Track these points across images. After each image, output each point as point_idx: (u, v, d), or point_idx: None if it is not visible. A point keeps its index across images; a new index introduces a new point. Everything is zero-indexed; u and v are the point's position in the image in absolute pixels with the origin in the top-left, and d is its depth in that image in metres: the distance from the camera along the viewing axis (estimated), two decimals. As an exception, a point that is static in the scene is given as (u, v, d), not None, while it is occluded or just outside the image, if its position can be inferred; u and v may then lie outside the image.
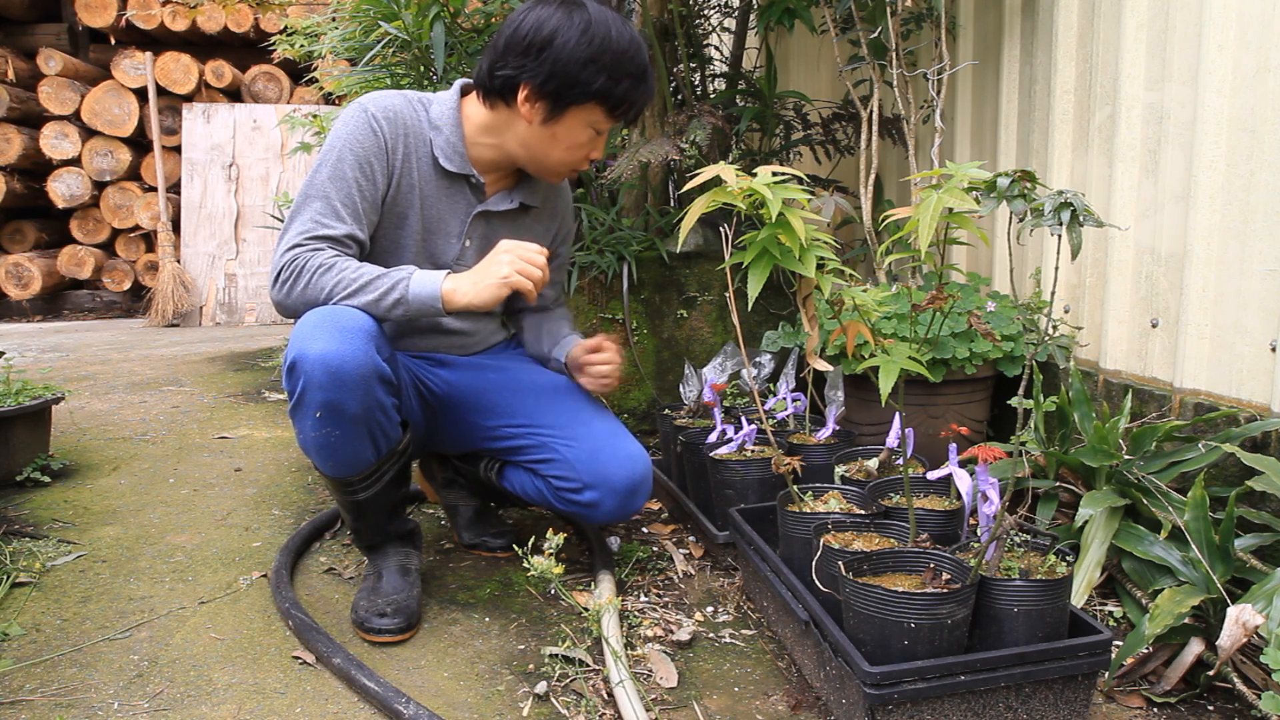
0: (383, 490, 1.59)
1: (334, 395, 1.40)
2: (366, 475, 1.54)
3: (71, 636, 1.56)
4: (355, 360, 1.40)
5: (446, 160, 1.63)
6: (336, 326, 1.41)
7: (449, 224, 1.68)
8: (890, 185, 2.93)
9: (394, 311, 1.49)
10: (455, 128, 1.63)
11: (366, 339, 1.43)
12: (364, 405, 1.44)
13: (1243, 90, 1.73)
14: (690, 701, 1.39)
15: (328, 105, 6.00)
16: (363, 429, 1.47)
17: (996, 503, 1.33)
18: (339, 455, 1.49)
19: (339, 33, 2.91)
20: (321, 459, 1.50)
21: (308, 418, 1.44)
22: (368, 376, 1.42)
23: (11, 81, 6.02)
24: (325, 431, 1.45)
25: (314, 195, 1.53)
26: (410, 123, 1.61)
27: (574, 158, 1.64)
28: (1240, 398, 1.75)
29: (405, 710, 1.29)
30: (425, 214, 1.65)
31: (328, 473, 1.53)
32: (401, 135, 1.60)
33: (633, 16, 2.89)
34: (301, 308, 1.49)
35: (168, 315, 5.76)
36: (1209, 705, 1.37)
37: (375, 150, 1.56)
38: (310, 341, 1.40)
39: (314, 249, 1.50)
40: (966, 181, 1.17)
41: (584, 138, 1.61)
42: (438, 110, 1.64)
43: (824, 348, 2.05)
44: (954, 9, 2.55)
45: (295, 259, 1.49)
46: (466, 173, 1.65)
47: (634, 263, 2.60)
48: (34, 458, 2.38)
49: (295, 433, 1.49)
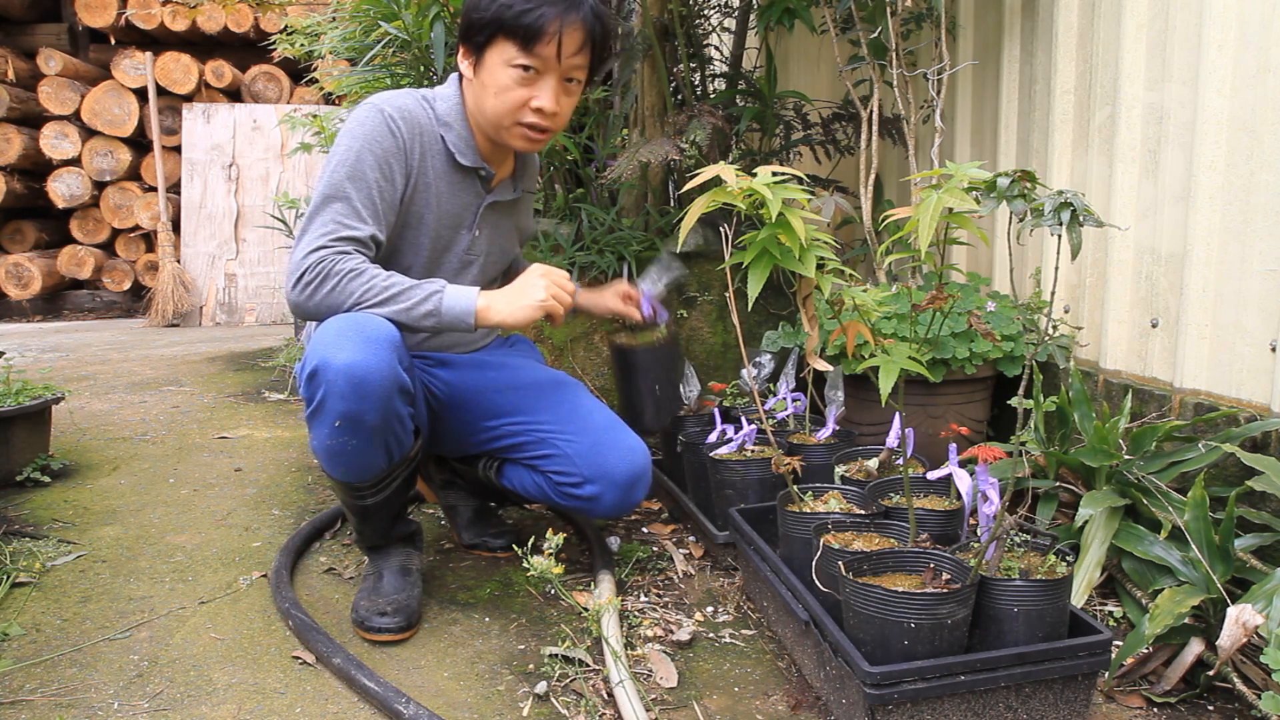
0: (391, 495, 1.59)
1: (355, 406, 1.39)
2: (376, 482, 1.54)
3: (71, 636, 1.56)
4: (379, 372, 1.39)
5: (462, 156, 1.64)
6: (362, 336, 1.40)
7: (461, 217, 1.70)
8: (890, 185, 2.93)
9: (425, 321, 1.48)
10: (463, 123, 1.64)
11: (390, 350, 1.41)
12: (384, 417, 1.43)
13: (1243, 90, 1.73)
14: (690, 701, 1.39)
15: (328, 105, 5.99)
16: (379, 439, 1.46)
17: (996, 503, 1.33)
18: (352, 464, 1.48)
19: (339, 33, 2.91)
20: (333, 465, 1.49)
21: (325, 425, 1.42)
22: (390, 389, 1.41)
23: (11, 81, 6.02)
24: (342, 440, 1.43)
25: (334, 195, 1.50)
26: (423, 123, 1.61)
27: (507, 105, 1.56)
28: (1240, 398, 1.75)
29: (405, 710, 1.29)
30: (440, 211, 1.66)
31: (338, 478, 1.52)
32: (417, 136, 1.60)
33: (632, 16, 2.89)
34: (325, 312, 1.47)
35: (168, 315, 5.76)
36: (1209, 705, 1.37)
37: (394, 151, 1.55)
38: (335, 350, 1.38)
39: (340, 251, 1.47)
40: (966, 181, 1.17)
41: (507, 79, 1.54)
42: (444, 107, 1.64)
43: (824, 348, 2.05)
44: (954, 9, 2.55)
45: (322, 261, 1.45)
46: (479, 166, 1.66)
47: (634, 263, 2.60)
48: (34, 458, 2.38)
49: (310, 437, 1.48)
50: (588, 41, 1.56)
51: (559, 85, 1.57)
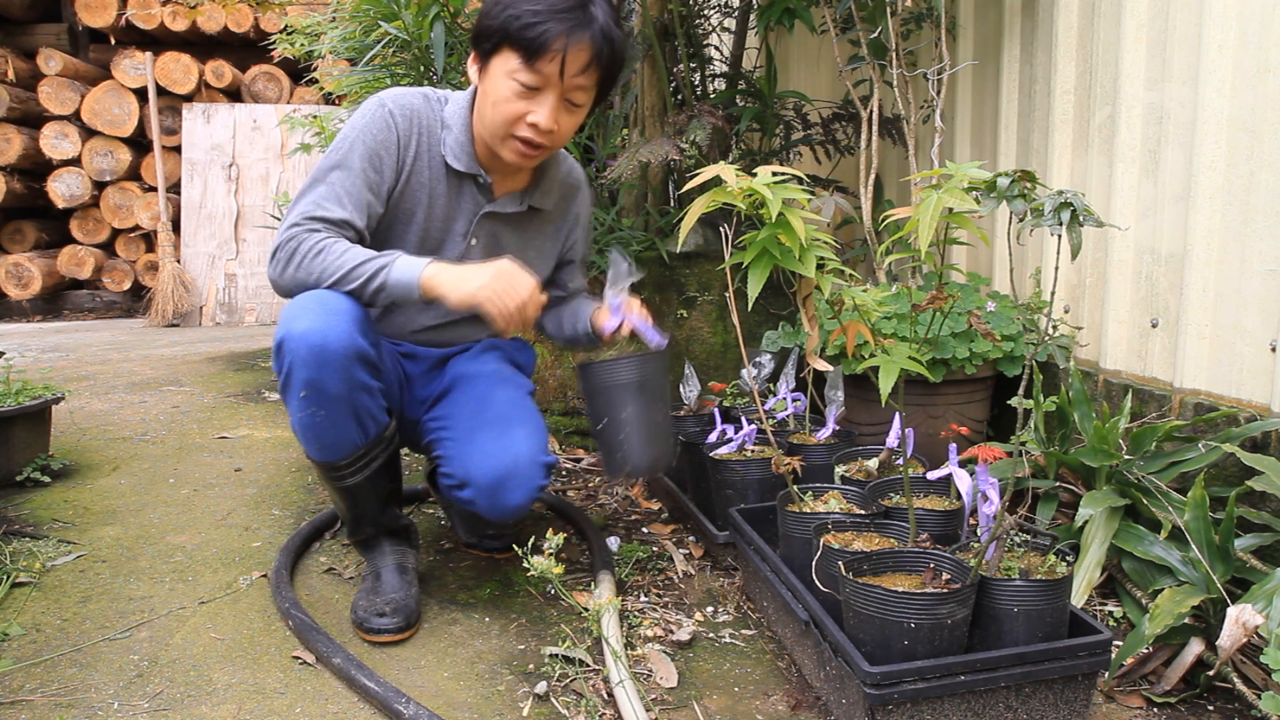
0: (373, 476, 1.59)
1: (316, 374, 1.43)
2: (354, 460, 1.55)
3: (71, 636, 1.56)
4: (338, 340, 1.42)
5: (454, 159, 1.62)
6: (322, 308, 1.44)
7: (455, 223, 1.67)
8: (890, 185, 2.93)
9: (377, 296, 1.49)
10: (465, 127, 1.62)
11: (349, 320, 1.45)
12: (346, 384, 1.45)
13: (1243, 90, 1.73)
14: (690, 701, 1.39)
15: (328, 105, 5.99)
16: (347, 410, 1.48)
17: (996, 503, 1.33)
18: (325, 437, 1.50)
19: (339, 33, 2.91)
20: (309, 441, 1.52)
21: (294, 398, 1.47)
22: (348, 356, 1.44)
23: (11, 81, 6.02)
24: (311, 411, 1.47)
25: (319, 180, 1.54)
26: (426, 121, 1.61)
27: (503, 116, 1.52)
28: (1240, 398, 1.75)
29: (405, 710, 1.29)
30: (432, 212, 1.65)
31: (316, 457, 1.55)
32: (416, 133, 1.60)
33: (632, 16, 2.89)
34: (294, 288, 1.50)
35: (168, 315, 5.76)
36: (1209, 705, 1.37)
37: (387, 145, 1.56)
38: (295, 321, 1.43)
39: (310, 229, 1.50)
40: (966, 181, 1.17)
41: (506, 90, 1.50)
42: (451, 109, 1.63)
43: (824, 348, 2.05)
44: (954, 9, 2.55)
45: (291, 238, 1.50)
46: (474, 172, 1.64)
47: (634, 263, 2.60)
48: (34, 458, 2.38)
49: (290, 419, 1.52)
50: (594, 62, 1.50)
51: (559, 103, 1.52)
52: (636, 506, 2.27)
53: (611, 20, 1.52)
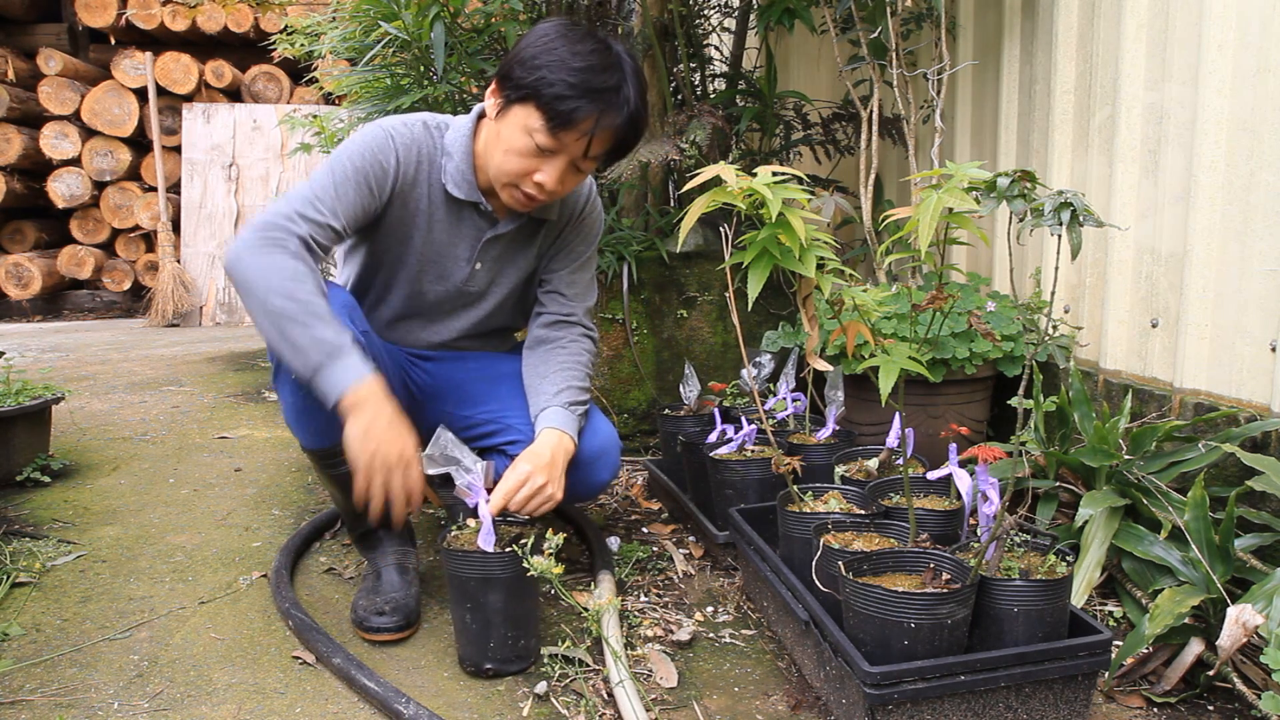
0: None
1: None
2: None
3: (71, 636, 1.56)
4: None
5: (455, 187, 1.61)
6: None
7: (457, 248, 1.67)
8: (890, 185, 2.93)
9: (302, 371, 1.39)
10: (466, 155, 1.61)
11: (341, 308, 1.48)
12: None
13: (1243, 90, 1.73)
14: (690, 701, 1.39)
15: (328, 105, 5.99)
16: None
17: (996, 503, 1.33)
18: (314, 422, 1.51)
19: (339, 33, 2.91)
20: (300, 427, 1.54)
21: (285, 384, 1.48)
22: None
23: (11, 81, 6.02)
24: (301, 396, 1.48)
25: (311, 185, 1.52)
26: (426, 150, 1.61)
27: (511, 166, 1.51)
28: (1240, 398, 1.75)
29: (405, 710, 1.29)
30: (432, 237, 1.65)
31: (308, 444, 1.57)
32: (415, 161, 1.60)
33: (632, 16, 2.88)
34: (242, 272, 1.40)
35: (168, 315, 5.76)
36: (1209, 705, 1.37)
37: (382, 166, 1.55)
38: None
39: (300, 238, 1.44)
40: (966, 181, 1.17)
41: (519, 143, 1.48)
42: (452, 136, 1.63)
43: (824, 348, 2.05)
44: (954, 9, 2.55)
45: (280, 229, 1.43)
46: (474, 200, 1.63)
47: (634, 263, 2.60)
48: (34, 458, 2.38)
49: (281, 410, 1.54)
50: (616, 143, 1.52)
51: (568, 167, 1.52)
52: (636, 506, 2.27)
53: (640, 100, 1.50)
